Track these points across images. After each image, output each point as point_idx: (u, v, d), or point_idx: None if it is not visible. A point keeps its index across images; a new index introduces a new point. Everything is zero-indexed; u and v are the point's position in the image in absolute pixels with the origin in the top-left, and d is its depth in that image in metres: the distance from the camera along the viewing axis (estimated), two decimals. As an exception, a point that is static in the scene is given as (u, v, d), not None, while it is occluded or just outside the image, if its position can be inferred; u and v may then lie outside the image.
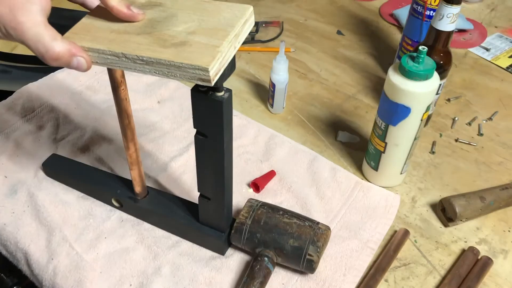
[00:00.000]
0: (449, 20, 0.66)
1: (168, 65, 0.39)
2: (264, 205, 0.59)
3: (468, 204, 0.63)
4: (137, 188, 0.61)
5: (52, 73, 0.87)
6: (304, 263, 0.55)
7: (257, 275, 0.54)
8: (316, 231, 0.56)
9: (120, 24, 0.44)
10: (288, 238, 0.55)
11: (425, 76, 0.58)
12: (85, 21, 0.45)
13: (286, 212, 0.58)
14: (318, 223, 0.57)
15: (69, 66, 0.42)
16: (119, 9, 0.43)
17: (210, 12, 0.43)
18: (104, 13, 0.45)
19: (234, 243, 0.59)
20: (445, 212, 0.65)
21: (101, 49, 0.42)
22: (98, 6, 0.47)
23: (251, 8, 0.43)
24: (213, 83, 0.39)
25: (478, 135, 0.80)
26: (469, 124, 0.82)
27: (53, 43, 0.40)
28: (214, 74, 0.38)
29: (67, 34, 0.44)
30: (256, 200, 0.60)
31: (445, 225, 0.65)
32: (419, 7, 0.78)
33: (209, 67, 0.37)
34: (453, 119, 0.82)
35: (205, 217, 0.59)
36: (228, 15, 0.42)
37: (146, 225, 0.63)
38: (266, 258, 0.56)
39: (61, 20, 0.44)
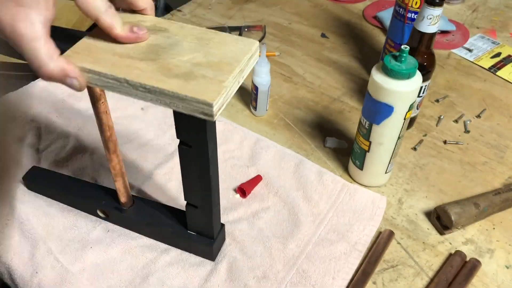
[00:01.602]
0: (431, 22, 0.67)
1: (171, 96, 0.38)
2: None
3: (463, 212, 0.63)
4: (122, 199, 0.61)
5: (32, 82, 0.85)
6: None
7: None
8: None
9: (123, 46, 0.43)
10: None
11: (408, 75, 0.58)
12: (87, 40, 0.44)
13: None
14: None
15: (62, 83, 0.41)
16: (123, 36, 0.43)
17: (216, 43, 0.43)
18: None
19: None
20: (440, 220, 0.65)
21: (102, 73, 0.41)
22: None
23: (257, 43, 0.43)
24: (215, 118, 0.38)
25: (464, 132, 0.80)
26: (456, 121, 0.82)
27: (48, 61, 0.39)
28: (217, 109, 0.38)
29: (68, 52, 0.43)
30: None
31: (441, 233, 0.64)
32: (401, 10, 0.78)
33: (214, 102, 0.37)
34: (439, 117, 0.83)
35: (193, 225, 0.58)
36: (234, 48, 0.42)
37: (133, 234, 0.62)
38: None
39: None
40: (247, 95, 0.86)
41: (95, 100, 0.49)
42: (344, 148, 0.77)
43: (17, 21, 0.38)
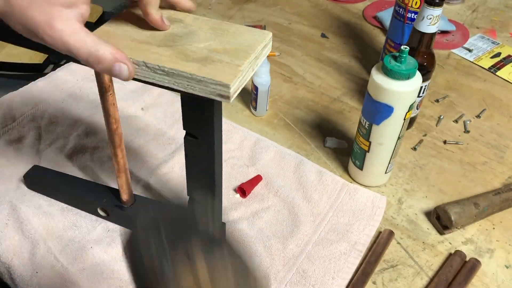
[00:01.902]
0: (431, 22, 0.67)
1: (189, 78, 0.40)
2: None
3: (463, 212, 0.63)
4: (124, 196, 0.61)
5: (33, 82, 0.85)
6: None
7: None
8: None
9: (141, 33, 0.44)
10: None
11: (407, 76, 0.58)
12: (106, 27, 0.46)
13: None
14: None
15: (111, 71, 0.41)
16: (154, 18, 0.44)
17: (231, 33, 0.44)
18: (126, 21, 0.45)
19: None
20: (439, 220, 0.65)
21: None
22: (120, 14, 0.47)
23: (270, 34, 0.45)
24: (231, 100, 0.40)
25: (464, 132, 0.81)
26: (456, 121, 0.83)
27: (97, 47, 0.39)
28: (234, 92, 0.39)
29: None
30: None
31: (441, 233, 0.64)
32: (401, 10, 0.78)
33: (231, 84, 0.38)
34: (439, 117, 0.83)
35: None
36: (249, 38, 0.44)
37: (133, 234, 0.62)
38: None
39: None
40: (247, 95, 0.87)
41: (104, 90, 0.50)
42: (344, 148, 0.77)
43: (53, 19, 0.38)
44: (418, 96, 0.75)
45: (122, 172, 0.58)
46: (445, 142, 0.79)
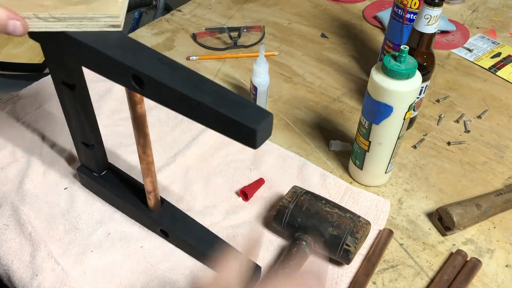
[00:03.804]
0: (431, 22, 0.67)
1: (81, 19, 0.45)
2: (308, 192, 0.62)
3: (465, 213, 0.63)
4: (150, 203, 0.61)
5: (36, 82, 0.85)
6: (340, 252, 0.57)
7: (293, 257, 0.56)
8: (356, 223, 0.58)
9: None
10: (328, 226, 0.57)
11: (407, 75, 0.58)
12: None
13: (328, 202, 0.60)
14: (359, 216, 0.59)
15: (6, 30, 0.44)
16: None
17: None
18: None
19: (275, 225, 0.61)
20: (442, 221, 0.65)
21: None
22: None
23: None
24: (121, 28, 0.46)
25: (465, 132, 0.81)
26: (457, 121, 0.83)
27: None
28: (122, 20, 0.46)
29: None
30: (300, 188, 0.63)
31: (443, 234, 0.64)
32: (399, 11, 0.78)
33: (119, 14, 0.45)
34: (439, 117, 0.83)
35: None
36: None
37: (134, 238, 0.62)
38: (304, 242, 0.57)
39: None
40: (246, 96, 0.87)
41: (134, 103, 0.52)
42: (348, 150, 0.76)
43: None
44: (417, 97, 0.75)
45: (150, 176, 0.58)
46: (449, 143, 0.78)
